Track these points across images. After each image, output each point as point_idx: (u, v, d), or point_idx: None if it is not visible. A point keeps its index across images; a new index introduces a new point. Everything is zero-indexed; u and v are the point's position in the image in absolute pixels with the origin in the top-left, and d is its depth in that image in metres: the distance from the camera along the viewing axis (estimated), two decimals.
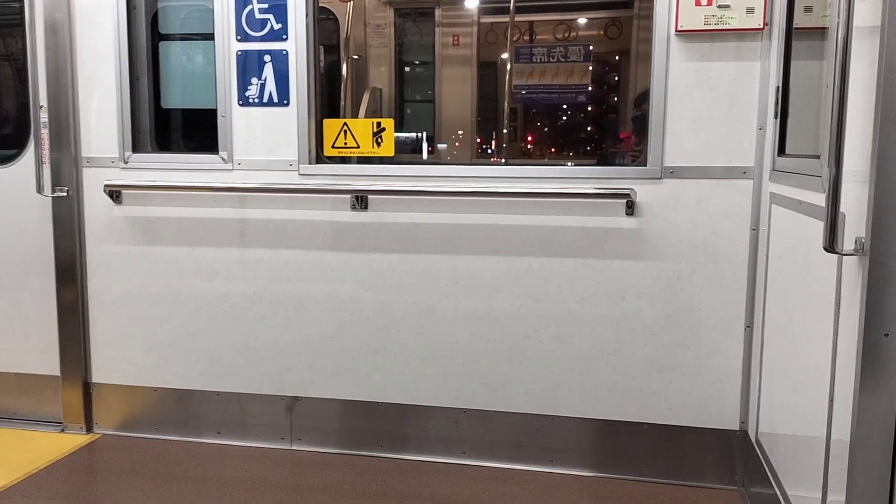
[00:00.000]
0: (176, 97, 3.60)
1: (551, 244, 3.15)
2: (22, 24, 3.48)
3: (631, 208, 3.04)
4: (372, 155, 3.30)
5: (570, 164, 3.21)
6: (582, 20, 5.03)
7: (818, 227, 1.87)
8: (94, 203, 3.52)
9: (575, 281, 3.15)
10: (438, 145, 5.16)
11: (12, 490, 3.09)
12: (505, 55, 4.86)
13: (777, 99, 2.76)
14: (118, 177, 3.47)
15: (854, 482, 1.74)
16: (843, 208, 1.77)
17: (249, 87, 3.29)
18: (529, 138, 5.42)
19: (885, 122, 1.63)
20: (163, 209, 3.47)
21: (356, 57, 4.85)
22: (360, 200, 3.28)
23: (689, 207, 3.01)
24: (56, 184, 3.50)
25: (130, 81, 3.43)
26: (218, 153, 3.37)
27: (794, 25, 2.65)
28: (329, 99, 4.07)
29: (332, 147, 3.31)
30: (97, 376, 3.65)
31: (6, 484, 3.13)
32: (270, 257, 3.39)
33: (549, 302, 3.18)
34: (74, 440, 3.58)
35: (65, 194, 3.51)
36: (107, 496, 3.07)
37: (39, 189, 3.46)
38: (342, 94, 4.25)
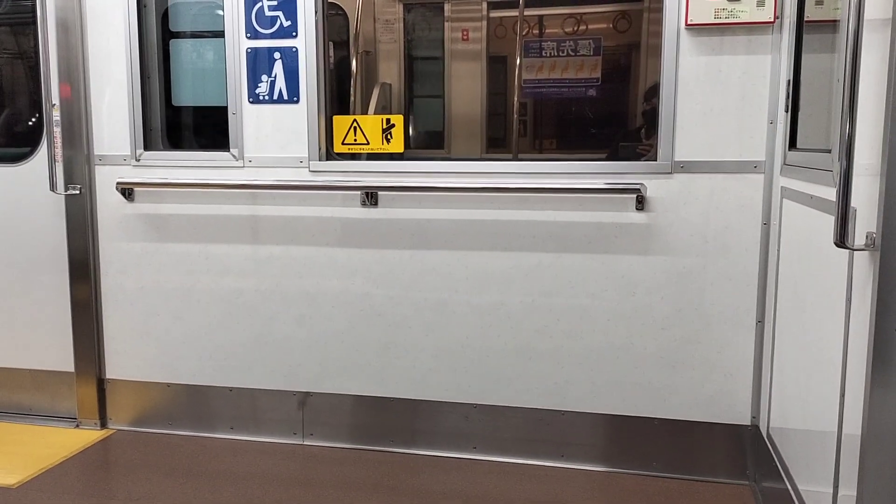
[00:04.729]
0: (187, 95, 3.61)
1: (562, 239, 3.15)
2: (34, 22, 3.50)
3: (641, 203, 3.04)
4: (382, 151, 3.31)
5: (579, 158, 3.20)
6: (591, 14, 5.01)
7: (829, 222, 1.87)
8: (107, 200, 3.55)
9: (585, 276, 3.14)
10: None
11: (29, 485, 3.13)
12: (514, 50, 4.85)
13: (788, 93, 2.75)
14: (130, 174, 3.49)
15: (865, 476, 1.74)
16: (854, 203, 1.76)
17: (260, 85, 3.31)
18: (539, 133, 5.40)
19: None
20: (175, 206, 3.49)
21: (367, 52, 4.86)
22: (371, 197, 3.29)
23: (700, 202, 3.00)
24: (69, 181, 3.52)
25: (141, 79, 3.45)
26: (229, 150, 3.38)
27: (805, 18, 2.63)
28: (339, 95, 4.07)
29: (342, 144, 3.32)
30: (111, 372, 3.68)
31: (23, 479, 3.17)
32: (282, 254, 3.41)
33: (560, 297, 3.18)
34: (89, 436, 3.62)
35: (78, 192, 3.54)
36: (121, 491, 3.10)
37: (53, 187, 3.49)
38: (352, 90, 4.25)
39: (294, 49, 3.26)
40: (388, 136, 3.29)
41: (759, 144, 2.91)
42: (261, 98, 3.32)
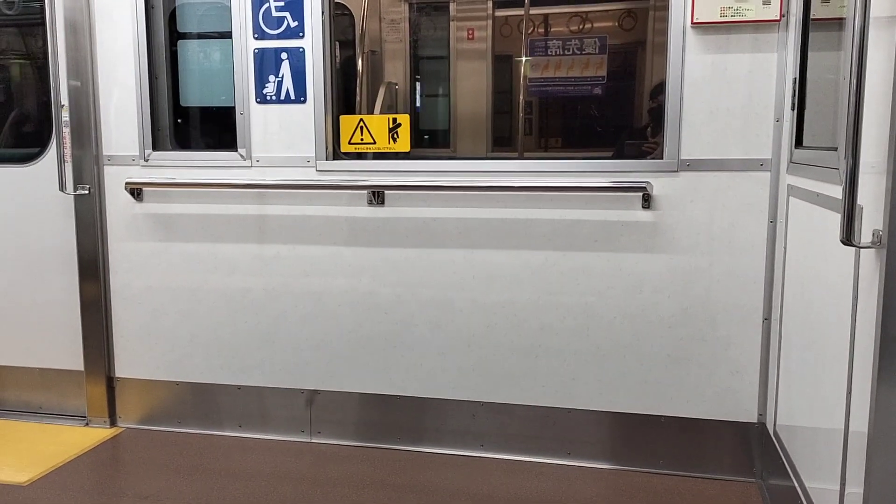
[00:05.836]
0: (194, 95, 3.63)
1: (568, 238, 3.15)
2: (42, 23, 3.52)
3: (647, 201, 3.04)
4: (388, 150, 3.32)
5: (585, 157, 3.21)
6: (597, 12, 5.00)
7: (836, 220, 1.87)
8: (116, 200, 3.57)
9: (592, 274, 3.15)
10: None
11: (39, 483, 3.15)
12: (520, 48, 4.86)
13: (794, 91, 2.75)
14: (139, 174, 3.51)
15: (872, 474, 1.75)
16: (860, 200, 1.76)
17: (267, 85, 3.32)
18: (545, 131, 5.40)
19: None
20: (183, 206, 3.51)
21: (372, 52, 4.87)
22: (377, 196, 3.31)
23: (706, 200, 3.00)
24: (78, 182, 3.54)
25: (150, 80, 3.47)
26: (236, 150, 3.40)
27: (811, 16, 2.64)
28: (345, 94, 4.08)
29: (349, 143, 3.34)
30: (120, 371, 3.71)
31: (33, 477, 3.19)
32: (289, 253, 3.43)
33: (566, 295, 3.19)
34: (98, 434, 3.64)
35: (87, 192, 3.56)
36: (130, 489, 3.12)
37: (62, 187, 3.51)
38: (358, 89, 4.26)
39: (301, 49, 3.27)
40: (395, 136, 3.30)
41: (766, 142, 2.92)
42: (268, 98, 3.33)
